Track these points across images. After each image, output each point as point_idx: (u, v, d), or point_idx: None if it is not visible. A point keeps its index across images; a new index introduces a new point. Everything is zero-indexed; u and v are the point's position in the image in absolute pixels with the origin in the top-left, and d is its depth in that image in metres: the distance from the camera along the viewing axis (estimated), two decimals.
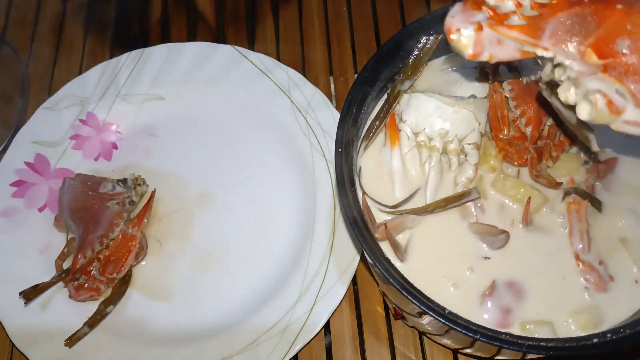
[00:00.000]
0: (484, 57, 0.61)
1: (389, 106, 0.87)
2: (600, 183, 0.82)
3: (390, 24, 1.28)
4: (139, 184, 1.08)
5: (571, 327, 0.74)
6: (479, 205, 0.82)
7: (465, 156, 0.83)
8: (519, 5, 0.61)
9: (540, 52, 0.60)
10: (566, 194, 0.81)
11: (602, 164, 0.83)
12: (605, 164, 0.83)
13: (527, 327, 0.74)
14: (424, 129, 0.83)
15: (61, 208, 1.06)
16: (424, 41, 0.87)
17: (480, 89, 0.89)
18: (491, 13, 0.61)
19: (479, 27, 0.60)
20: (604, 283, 0.76)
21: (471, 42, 0.60)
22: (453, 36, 0.61)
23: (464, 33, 0.61)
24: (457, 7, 0.63)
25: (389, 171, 0.84)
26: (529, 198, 0.80)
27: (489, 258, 0.79)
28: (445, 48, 0.92)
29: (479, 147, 0.83)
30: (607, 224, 0.81)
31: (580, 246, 0.78)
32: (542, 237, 0.80)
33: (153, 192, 1.08)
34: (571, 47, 0.59)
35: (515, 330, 0.75)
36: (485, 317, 0.76)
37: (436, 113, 0.83)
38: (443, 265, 0.79)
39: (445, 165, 0.84)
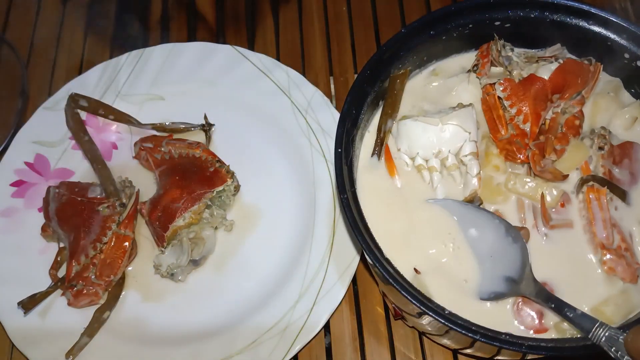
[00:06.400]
0: None
1: (380, 147, 0.87)
2: (617, 169, 0.81)
3: (390, 24, 1.28)
4: (127, 186, 1.08)
5: (603, 318, 0.73)
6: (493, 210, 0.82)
7: (466, 168, 0.83)
8: None
9: None
10: (583, 182, 0.80)
11: (617, 148, 0.82)
12: (620, 148, 0.82)
13: (562, 326, 0.74)
14: (418, 152, 0.84)
15: (48, 217, 1.05)
16: (392, 79, 0.88)
17: (475, 92, 0.89)
18: None
19: None
20: (633, 270, 0.75)
21: None
22: None
23: None
24: None
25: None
26: (542, 194, 0.80)
27: None
28: (428, 61, 0.92)
29: (477, 156, 0.83)
30: (629, 209, 0.80)
31: (605, 235, 0.77)
32: (564, 231, 0.80)
33: (137, 192, 1.07)
34: None
35: (552, 333, 0.74)
36: (521, 325, 0.75)
37: (424, 135, 0.83)
38: (460, 271, 0.79)
39: (450, 181, 0.84)
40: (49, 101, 1.18)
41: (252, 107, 1.16)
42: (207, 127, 1.14)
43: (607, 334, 0.64)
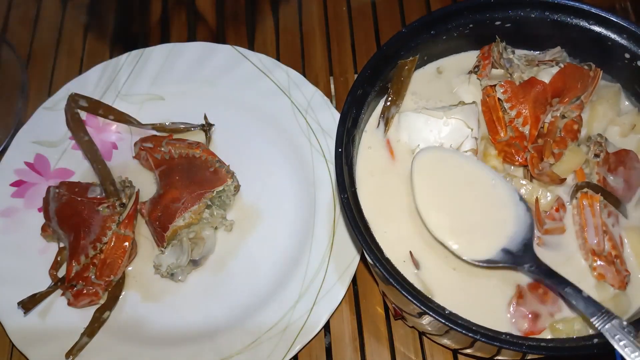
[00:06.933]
0: None
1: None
2: (612, 176, 0.81)
3: (390, 24, 1.28)
4: (127, 186, 1.08)
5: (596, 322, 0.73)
6: None
7: None
8: None
9: None
10: (578, 188, 0.80)
11: (612, 156, 0.82)
12: (616, 156, 0.82)
13: (557, 326, 0.74)
14: (419, 145, 0.84)
15: (48, 217, 1.05)
16: (400, 65, 0.87)
17: (475, 93, 0.89)
18: None
19: None
20: (622, 277, 0.75)
21: None
22: None
23: None
24: None
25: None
26: (537, 198, 0.80)
27: None
28: (428, 61, 0.92)
29: (476, 153, 0.83)
30: (620, 217, 0.80)
31: (596, 241, 0.77)
32: (556, 236, 0.80)
33: (137, 192, 1.07)
34: None
35: (547, 334, 0.74)
36: (515, 326, 0.75)
37: (427, 128, 0.84)
38: (460, 269, 0.79)
39: None
40: (49, 101, 1.18)
41: (252, 107, 1.16)
42: (207, 127, 1.14)
43: (613, 322, 0.63)
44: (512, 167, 0.84)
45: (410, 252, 0.79)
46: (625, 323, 0.63)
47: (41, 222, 1.07)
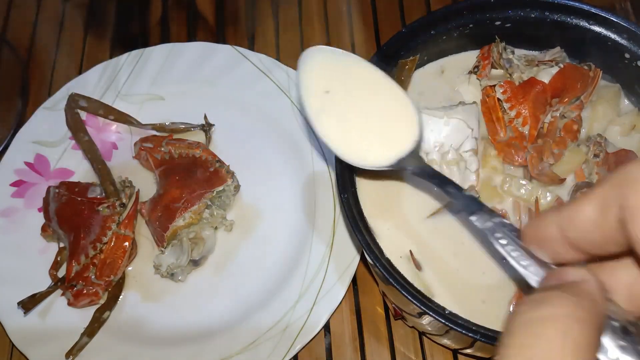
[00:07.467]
0: None
1: None
2: None
3: (390, 24, 1.28)
4: (127, 186, 1.08)
5: None
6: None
7: (465, 164, 0.83)
8: None
9: None
10: (578, 188, 0.80)
11: (612, 156, 0.81)
12: (615, 156, 0.82)
13: None
14: None
15: (48, 217, 1.05)
16: (401, 65, 0.87)
17: (475, 93, 0.89)
18: None
19: None
20: None
21: None
22: None
23: None
24: None
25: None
26: (537, 198, 0.80)
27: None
28: (428, 60, 0.92)
29: (476, 153, 0.83)
30: None
31: None
32: None
33: (137, 192, 1.07)
34: None
35: None
36: None
37: (427, 127, 0.83)
38: (462, 270, 0.79)
39: (447, 175, 0.84)
40: (49, 101, 1.18)
41: (252, 107, 1.16)
42: (207, 127, 1.14)
43: (494, 220, 0.58)
44: (512, 167, 0.85)
45: (411, 251, 0.79)
46: (507, 222, 0.57)
47: (41, 222, 1.07)
